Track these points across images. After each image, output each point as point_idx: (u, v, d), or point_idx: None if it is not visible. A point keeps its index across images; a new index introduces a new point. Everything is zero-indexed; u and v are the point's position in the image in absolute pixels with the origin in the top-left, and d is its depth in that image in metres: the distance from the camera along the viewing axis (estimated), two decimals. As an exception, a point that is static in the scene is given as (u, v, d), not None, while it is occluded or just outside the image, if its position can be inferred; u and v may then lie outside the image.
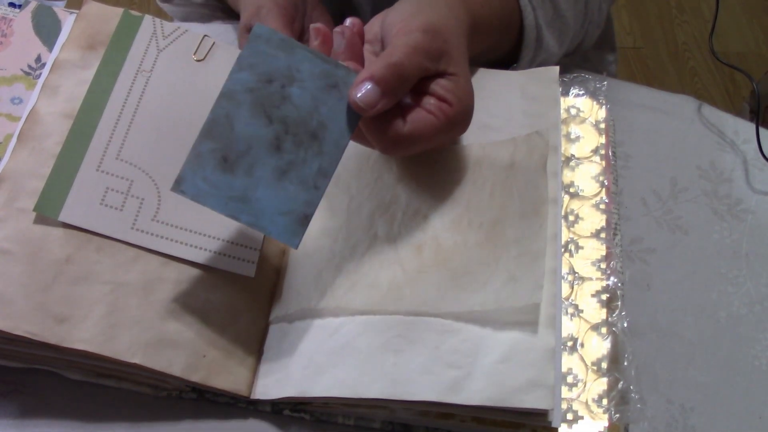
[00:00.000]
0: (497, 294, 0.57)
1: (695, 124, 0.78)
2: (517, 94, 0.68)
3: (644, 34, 2.11)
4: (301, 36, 0.77)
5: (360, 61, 0.61)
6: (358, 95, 0.56)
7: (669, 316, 0.67)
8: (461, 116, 0.60)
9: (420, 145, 0.59)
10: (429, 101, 0.59)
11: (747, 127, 0.78)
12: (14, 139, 0.64)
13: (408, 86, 0.58)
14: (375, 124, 0.58)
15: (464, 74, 0.60)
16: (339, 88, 0.57)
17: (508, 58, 0.77)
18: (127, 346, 0.57)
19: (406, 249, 0.61)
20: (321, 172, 0.57)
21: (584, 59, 0.97)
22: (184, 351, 0.59)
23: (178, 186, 0.54)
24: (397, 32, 0.60)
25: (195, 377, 0.58)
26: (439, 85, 0.59)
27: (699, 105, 0.80)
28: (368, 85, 0.56)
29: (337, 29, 0.60)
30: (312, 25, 0.60)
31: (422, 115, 0.58)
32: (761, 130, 0.76)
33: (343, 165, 0.66)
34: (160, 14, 0.80)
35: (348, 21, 0.60)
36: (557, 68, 0.70)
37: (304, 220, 0.56)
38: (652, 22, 2.14)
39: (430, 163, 0.65)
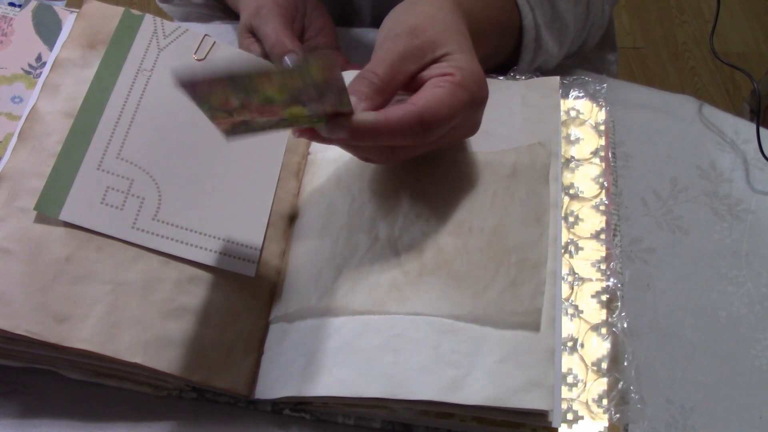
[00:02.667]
0: (498, 298, 0.57)
1: (695, 124, 0.78)
2: (517, 102, 0.69)
3: (644, 34, 2.11)
4: (302, 36, 0.77)
5: None
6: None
7: (669, 316, 0.67)
8: (471, 82, 0.58)
9: (443, 121, 0.56)
10: (431, 81, 0.58)
11: (747, 127, 0.78)
12: (15, 138, 0.63)
13: (389, 91, 0.58)
14: (392, 122, 0.55)
15: (460, 50, 0.59)
16: None
17: (508, 63, 0.77)
18: (128, 346, 0.57)
19: (407, 252, 0.61)
20: None
21: (584, 59, 0.97)
22: (185, 351, 0.59)
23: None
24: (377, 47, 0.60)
25: (195, 377, 0.58)
26: (434, 68, 0.58)
27: (699, 105, 0.80)
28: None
29: None
30: None
31: (430, 91, 0.57)
32: (761, 129, 0.76)
33: (346, 166, 0.67)
34: (160, 14, 0.80)
35: None
36: (557, 78, 0.70)
37: None
38: (652, 22, 2.14)
39: (432, 168, 0.65)
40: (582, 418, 0.58)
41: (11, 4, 0.73)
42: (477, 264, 0.59)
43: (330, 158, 0.68)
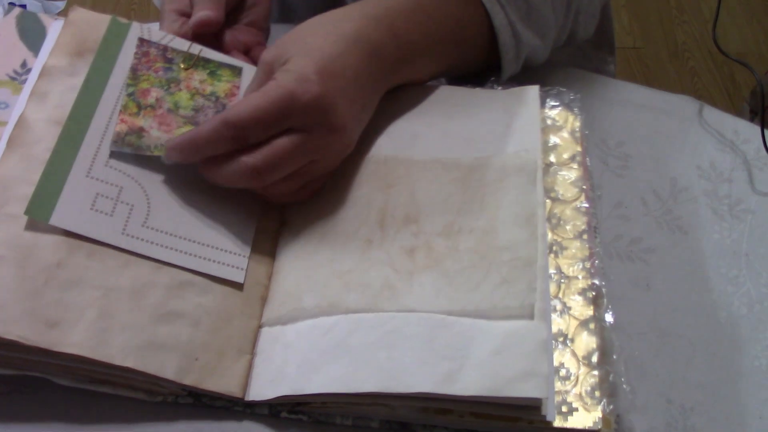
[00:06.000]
0: (491, 295, 0.58)
1: (695, 124, 0.78)
2: (500, 110, 0.70)
3: (644, 34, 2.11)
4: (238, 11, 0.76)
5: None
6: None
7: (669, 316, 0.66)
8: (288, 81, 0.60)
9: (251, 119, 0.58)
10: None
11: (747, 127, 0.78)
12: (3, 145, 0.64)
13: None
14: (202, 130, 0.60)
15: (300, 56, 0.61)
16: None
17: (494, 64, 0.76)
18: (119, 350, 0.57)
19: (398, 252, 0.62)
20: None
21: (586, 59, 0.97)
22: (176, 354, 0.59)
23: None
24: None
25: (187, 380, 0.58)
26: None
27: (699, 105, 0.80)
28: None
29: None
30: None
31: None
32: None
33: (336, 171, 0.67)
34: (160, 13, 0.79)
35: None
36: (537, 87, 0.71)
37: None
38: (652, 22, 2.14)
39: (421, 171, 0.66)
40: (576, 410, 0.58)
41: (11, 4, 0.73)
42: (468, 263, 0.60)
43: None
